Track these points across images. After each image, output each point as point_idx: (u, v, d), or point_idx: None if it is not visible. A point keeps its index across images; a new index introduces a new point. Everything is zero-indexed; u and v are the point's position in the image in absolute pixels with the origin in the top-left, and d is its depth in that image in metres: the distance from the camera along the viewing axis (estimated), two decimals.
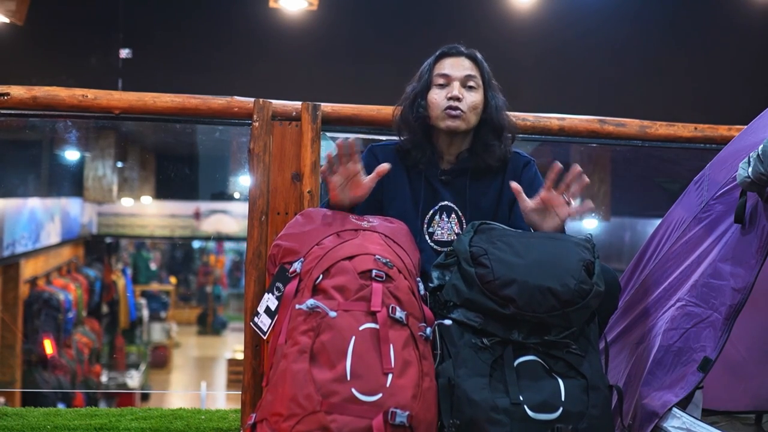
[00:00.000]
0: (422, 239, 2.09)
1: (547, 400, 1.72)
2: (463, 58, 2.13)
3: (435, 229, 2.10)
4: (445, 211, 2.11)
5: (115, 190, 7.85)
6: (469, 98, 2.09)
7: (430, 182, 2.12)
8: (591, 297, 1.80)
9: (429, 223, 2.11)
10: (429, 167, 2.13)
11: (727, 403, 2.37)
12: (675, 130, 2.60)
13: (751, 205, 1.84)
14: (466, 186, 2.12)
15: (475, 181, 2.12)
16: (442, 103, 2.08)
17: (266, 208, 2.27)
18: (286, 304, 1.78)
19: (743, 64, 6.97)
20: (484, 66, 2.14)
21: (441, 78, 2.10)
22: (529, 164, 2.16)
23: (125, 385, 8.69)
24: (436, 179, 2.12)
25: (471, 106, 2.08)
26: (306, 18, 6.56)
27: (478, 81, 2.11)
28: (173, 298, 13.16)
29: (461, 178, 2.12)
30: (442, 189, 2.12)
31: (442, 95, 2.09)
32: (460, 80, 2.09)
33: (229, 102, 2.35)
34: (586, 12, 6.71)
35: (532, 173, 2.15)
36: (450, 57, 2.13)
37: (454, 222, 2.10)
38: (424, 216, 2.10)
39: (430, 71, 2.13)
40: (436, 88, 2.11)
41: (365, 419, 1.61)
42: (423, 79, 2.14)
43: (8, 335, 7.19)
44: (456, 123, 2.07)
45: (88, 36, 6.75)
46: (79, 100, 2.31)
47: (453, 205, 2.11)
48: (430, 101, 2.11)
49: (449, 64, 2.12)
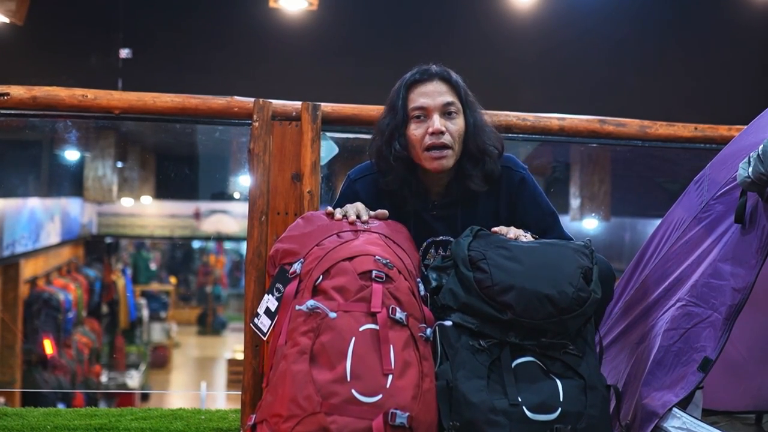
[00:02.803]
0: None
1: (546, 400, 1.72)
2: (437, 81, 1.96)
3: (429, 262, 2.02)
4: (441, 245, 2.04)
5: (115, 190, 7.84)
6: (452, 128, 1.95)
7: (420, 216, 2.04)
8: (588, 305, 1.79)
9: (424, 256, 2.05)
10: (417, 203, 2.02)
11: (727, 403, 2.37)
12: (675, 130, 2.61)
13: (751, 205, 1.84)
14: (458, 216, 2.04)
15: (467, 208, 2.04)
16: (425, 141, 1.93)
17: (266, 208, 2.27)
18: (286, 305, 1.77)
19: (743, 64, 6.97)
20: (459, 85, 1.98)
21: (417, 111, 1.95)
22: (524, 179, 2.05)
23: (125, 385, 8.69)
24: (427, 214, 2.03)
25: (456, 135, 1.95)
26: (306, 18, 6.56)
27: (458, 105, 1.97)
28: (173, 298, 13.17)
29: (452, 208, 2.04)
30: (434, 223, 2.04)
31: (421, 131, 1.94)
32: (438, 110, 1.94)
33: (229, 102, 2.35)
34: (586, 12, 6.71)
35: (530, 189, 2.05)
36: (422, 84, 1.96)
37: None
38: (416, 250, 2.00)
39: (404, 104, 1.96)
40: (413, 122, 1.95)
41: (365, 420, 1.61)
42: (398, 113, 1.96)
43: (8, 335, 7.19)
44: (442, 164, 1.94)
45: (88, 36, 6.75)
46: (79, 100, 2.31)
47: (447, 239, 2.03)
48: (410, 137, 1.95)
49: (423, 93, 1.95)
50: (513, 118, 2.46)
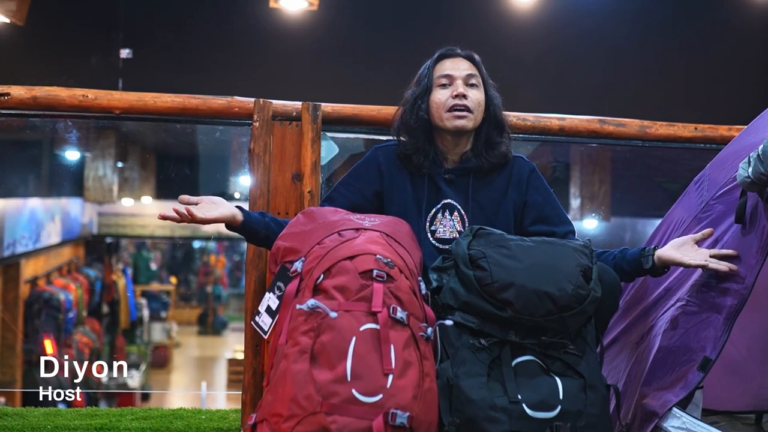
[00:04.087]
0: (424, 237, 2.08)
1: (545, 398, 1.73)
2: (462, 58, 2.13)
3: (437, 227, 2.09)
4: (447, 209, 2.11)
5: (116, 190, 7.84)
6: (474, 96, 2.09)
7: (434, 180, 2.12)
8: (588, 302, 1.80)
9: (431, 221, 2.10)
10: (432, 167, 2.12)
11: (727, 403, 2.37)
12: (675, 130, 2.61)
13: (751, 205, 1.84)
14: (470, 184, 2.11)
15: (479, 180, 2.12)
16: (448, 102, 2.07)
17: (267, 208, 2.27)
18: (287, 304, 1.78)
19: (743, 64, 6.97)
20: (481, 66, 2.15)
21: (443, 78, 2.10)
22: (534, 171, 2.16)
23: (125, 385, 8.69)
24: (440, 178, 2.12)
25: (476, 103, 2.09)
26: (306, 18, 6.56)
27: (479, 80, 2.12)
28: (173, 298, 13.15)
29: (465, 177, 2.12)
30: (445, 187, 2.11)
31: (446, 94, 2.08)
32: (462, 79, 2.09)
33: (229, 102, 2.35)
34: (586, 12, 6.70)
35: (540, 180, 2.16)
36: (449, 58, 2.14)
37: (457, 220, 2.10)
38: (426, 214, 2.10)
39: (430, 74, 2.12)
40: (438, 88, 2.10)
41: (365, 420, 1.61)
42: (423, 82, 2.12)
43: (8, 335, 7.18)
44: (463, 122, 2.07)
45: (88, 36, 6.75)
46: (79, 100, 2.31)
47: (456, 204, 2.10)
48: (434, 102, 2.10)
49: (450, 64, 2.12)
50: (513, 118, 2.46)
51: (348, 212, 1.99)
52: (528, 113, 2.52)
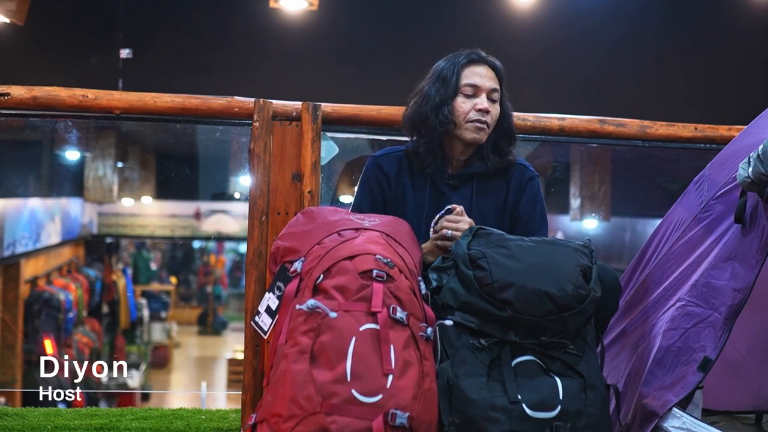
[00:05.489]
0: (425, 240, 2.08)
1: (545, 398, 1.73)
2: (488, 68, 2.13)
3: None
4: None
5: (116, 190, 7.83)
6: (493, 111, 2.10)
7: (437, 186, 2.13)
8: (588, 302, 1.81)
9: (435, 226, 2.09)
10: (436, 171, 2.13)
11: (727, 403, 2.37)
12: (675, 130, 2.61)
13: (751, 205, 1.84)
14: (473, 191, 2.13)
15: (481, 185, 2.14)
16: (471, 115, 2.08)
17: (266, 208, 2.27)
18: (286, 304, 1.77)
19: (743, 64, 6.97)
20: (503, 76, 2.15)
21: (469, 88, 2.09)
22: (534, 180, 2.18)
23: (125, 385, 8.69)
24: (443, 183, 2.13)
25: (494, 119, 2.11)
26: (306, 18, 6.56)
27: (499, 94, 2.13)
28: (173, 298, 13.15)
29: (468, 183, 2.13)
30: (449, 192, 2.12)
31: (469, 105, 2.09)
32: (487, 92, 2.10)
33: (229, 102, 2.35)
34: (586, 12, 6.71)
35: (535, 190, 2.17)
36: (478, 65, 2.13)
37: None
38: (429, 219, 2.09)
39: (457, 78, 2.10)
40: (462, 96, 2.10)
41: (365, 420, 1.61)
42: (450, 84, 2.10)
43: (8, 335, 7.18)
44: (481, 136, 2.09)
45: (88, 36, 6.75)
46: (79, 100, 2.31)
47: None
48: (456, 108, 2.09)
49: (478, 73, 2.11)
50: (513, 118, 2.45)
51: (348, 212, 1.99)
52: (528, 113, 2.52)
